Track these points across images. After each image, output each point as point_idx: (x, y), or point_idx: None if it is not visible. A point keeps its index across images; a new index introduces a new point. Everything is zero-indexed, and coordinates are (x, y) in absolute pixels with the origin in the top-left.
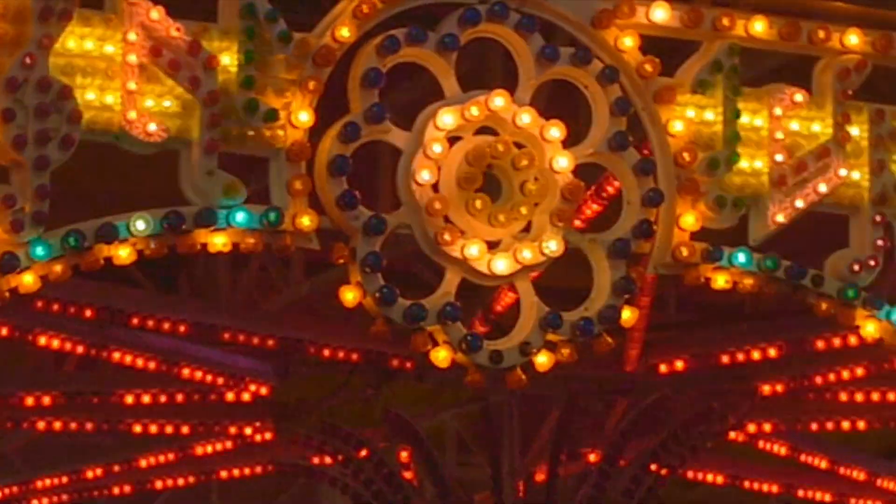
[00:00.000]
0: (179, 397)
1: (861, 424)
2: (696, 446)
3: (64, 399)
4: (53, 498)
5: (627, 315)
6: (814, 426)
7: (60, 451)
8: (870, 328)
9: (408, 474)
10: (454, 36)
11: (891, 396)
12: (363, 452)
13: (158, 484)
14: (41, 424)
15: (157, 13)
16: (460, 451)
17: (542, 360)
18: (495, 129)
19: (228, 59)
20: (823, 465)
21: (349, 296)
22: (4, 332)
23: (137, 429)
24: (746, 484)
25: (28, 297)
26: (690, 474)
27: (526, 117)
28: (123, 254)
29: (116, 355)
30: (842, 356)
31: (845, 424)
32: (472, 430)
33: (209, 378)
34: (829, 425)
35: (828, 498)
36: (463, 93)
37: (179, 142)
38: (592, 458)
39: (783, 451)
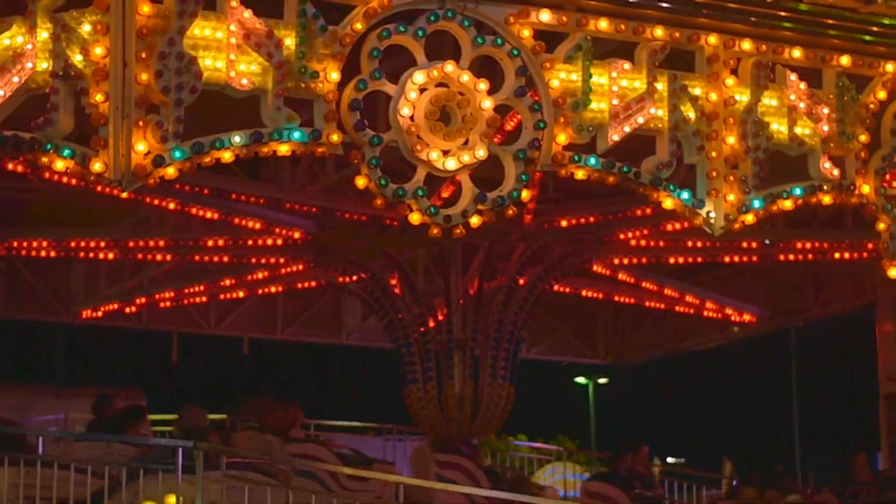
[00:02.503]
0: (259, 241)
1: (672, 260)
2: (565, 273)
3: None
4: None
5: (525, 195)
6: (644, 261)
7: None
8: (668, 203)
9: (396, 289)
10: (424, 28)
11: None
12: (369, 275)
13: (240, 293)
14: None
15: (248, 13)
16: (426, 274)
17: (475, 220)
18: (447, 84)
19: (290, 41)
20: (653, 287)
21: (361, 182)
22: (166, 204)
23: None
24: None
25: (171, 182)
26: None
27: (465, 77)
28: (227, 156)
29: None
30: (651, 219)
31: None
32: (433, 262)
33: (276, 230)
34: (652, 261)
35: (632, 300)
36: (428, 62)
37: (260, 91)
38: (504, 279)
39: (631, 280)
